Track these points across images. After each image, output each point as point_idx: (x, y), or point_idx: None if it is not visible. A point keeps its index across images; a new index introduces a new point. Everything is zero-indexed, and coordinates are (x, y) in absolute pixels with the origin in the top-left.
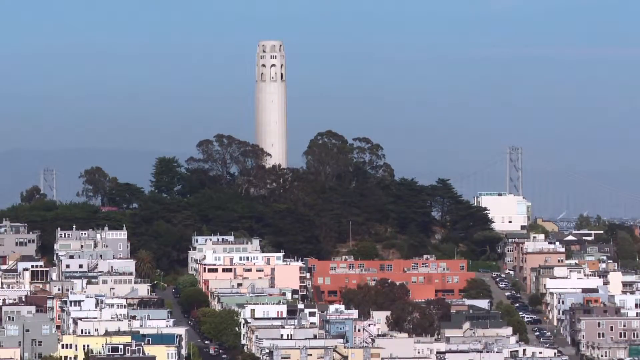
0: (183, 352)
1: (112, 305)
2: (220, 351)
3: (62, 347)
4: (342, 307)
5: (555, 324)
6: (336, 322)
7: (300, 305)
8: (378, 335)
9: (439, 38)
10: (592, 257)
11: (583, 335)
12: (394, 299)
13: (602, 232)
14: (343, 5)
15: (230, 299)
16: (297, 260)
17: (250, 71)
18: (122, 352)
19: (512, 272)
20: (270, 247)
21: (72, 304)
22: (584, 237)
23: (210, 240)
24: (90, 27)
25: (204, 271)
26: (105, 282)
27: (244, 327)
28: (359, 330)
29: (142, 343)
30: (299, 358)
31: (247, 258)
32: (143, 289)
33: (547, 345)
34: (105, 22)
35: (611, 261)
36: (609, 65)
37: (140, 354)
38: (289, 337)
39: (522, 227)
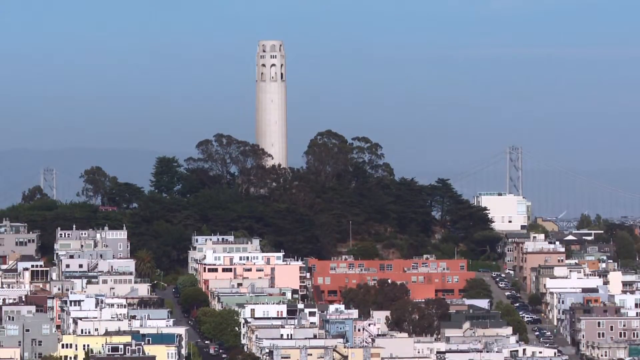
0: (183, 351)
1: (112, 305)
2: (220, 351)
3: (62, 346)
4: (342, 307)
5: (555, 323)
6: (336, 322)
7: (300, 305)
8: (378, 335)
9: (439, 38)
10: (592, 257)
11: (583, 335)
12: (394, 298)
13: (602, 232)
14: (343, 5)
15: (230, 299)
16: (297, 260)
17: (250, 71)
18: (122, 352)
19: (512, 272)
20: (270, 247)
21: (72, 303)
22: (584, 237)
23: (210, 240)
24: (90, 27)
25: (204, 271)
26: (105, 281)
27: (244, 327)
28: (359, 330)
29: (142, 343)
30: (299, 358)
31: (247, 258)
32: (143, 289)
33: (547, 345)
34: (105, 22)
35: (611, 261)
36: (609, 65)
37: (140, 353)
38: (289, 337)
39: (522, 227)
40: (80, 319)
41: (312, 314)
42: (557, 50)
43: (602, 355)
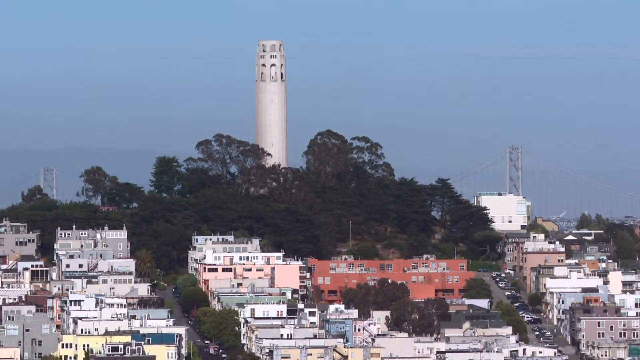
0: (183, 351)
1: (112, 305)
2: (220, 351)
3: (62, 346)
4: (342, 306)
5: (555, 323)
6: (336, 322)
7: (300, 305)
8: (378, 335)
9: (439, 38)
10: (592, 257)
11: (583, 335)
12: (394, 298)
13: (602, 231)
14: (343, 5)
15: (230, 299)
16: (297, 260)
17: (250, 71)
18: (122, 352)
19: (512, 272)
20: (270, 246)
21: (72, 303)
22: (584, 237)
23: (210, 239)
24: (89, 27)
25: (204, 271)
26: (105, 281)
27: (244, 327)
28: (359, 330)
29: (142, 343)
30: (299, 358)
31: (247, 258)
32: (143, 289)
33: (547, 345)
34: (104, 22)
35: (611, 261)
36: (609, 65)
37: (140, 353)
38: (289, 337)
39: (522, 227)
40: (80, 318)
41: (312, 314)
42: (557, 50)
43: (602, 355)
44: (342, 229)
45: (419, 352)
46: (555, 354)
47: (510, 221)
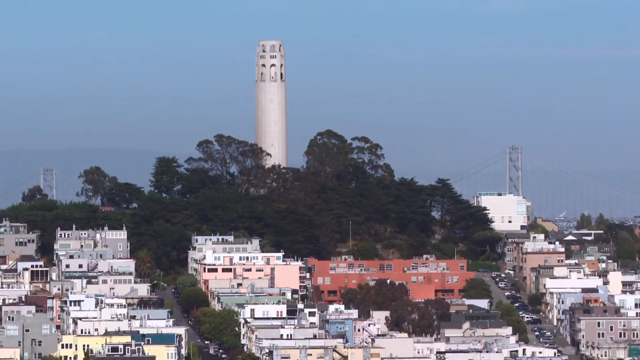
0: (183, 352)
1: (112, 305)
2: (220, 351)
3: (62, 347)
4: (342, 307)
5: (555, 323)
6: (336, 322)
7: (300, 305)
8: (378, 335)
9: (439, 38)
10: (592, 257)
11: (583, 335)
12: (393, 298)
13: (602, 232)
14: (343, 5)
15: (230, 299)
16: (297, 260)
17: (250, 71)
18: (122, 352)
19: (511, 272)
20: (270, 247)
21: (72, 303)
22: (583, 237)
23: (210, 240)
24: (90, 27)
25: (204, 271)
26: (105, 282)
27: (243, 327)
28: (358, 330)
29: (142, 343)
30: (299, 358)
31: (247, 258)
32: (143, 289)
33: (547, 345)
34: (105, 22)
35: (611, 261)
36: (609, 65)
37: (140, 353)
38: (289, 337)
39: (522, 227)
40: (80, 319)
41: (312, 314)
42: (557, 50)
43: (602, 355)
44: (342, 229)
45: (418, 352)
46: (555, 354)
47: (510, 221)
